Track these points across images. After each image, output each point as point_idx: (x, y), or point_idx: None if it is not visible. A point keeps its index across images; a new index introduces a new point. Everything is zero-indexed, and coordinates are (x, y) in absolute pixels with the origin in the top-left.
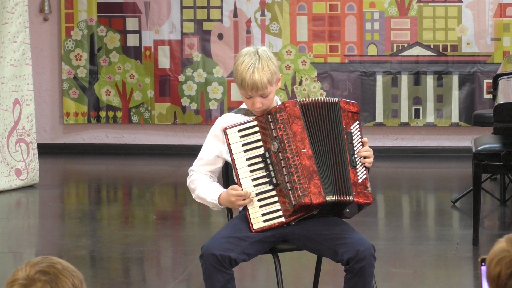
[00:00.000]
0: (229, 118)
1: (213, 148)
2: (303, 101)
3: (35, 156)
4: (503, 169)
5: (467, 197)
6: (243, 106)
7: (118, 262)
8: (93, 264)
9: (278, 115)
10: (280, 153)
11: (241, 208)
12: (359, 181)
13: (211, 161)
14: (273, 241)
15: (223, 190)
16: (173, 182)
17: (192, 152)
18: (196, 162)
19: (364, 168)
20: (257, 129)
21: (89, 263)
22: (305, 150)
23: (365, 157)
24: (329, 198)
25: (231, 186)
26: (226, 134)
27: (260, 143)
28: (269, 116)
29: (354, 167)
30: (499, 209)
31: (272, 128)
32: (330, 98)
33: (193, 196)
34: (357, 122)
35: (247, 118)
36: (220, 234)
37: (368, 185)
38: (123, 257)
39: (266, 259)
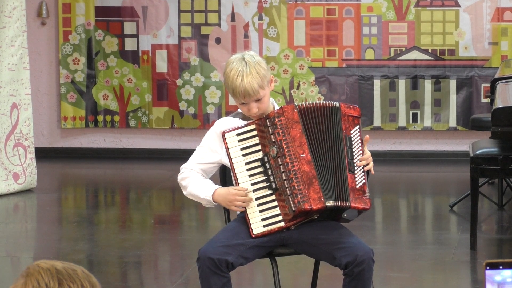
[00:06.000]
0: (227, 122)
1: (211, 152)
2: (301, 105)
3: (32, 160)
4: (501, 173)
5: (464, 201)
6: (240, 110)
7: (115, 266)
8: (90, 268)
9: (276, 120)
10: (279, 158)
11: (238, 212)
12: (357, 186)
13: (207, 163)
14: (271, 246)
15: (217, 186)
16: (170, 186)
17: (189, 156)
18: (192, 161)
19: (363, 174)
20: (255, 133)
21: (86, 267)
22: (304, 155)
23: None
24: (329, 203)
25: (232, 187)
26: (224, 138)
27: (259, 147)
28: (267, 120)
29: (353, 172)
30: (497, 213)
31: (271, 132)
32: (330, 102)
33: (185, 193)
34: (358, 126)
35: (245, 122)
36: (218, 238)
37: (367, 190)
38: (121, 261)
39: (264, 263)
